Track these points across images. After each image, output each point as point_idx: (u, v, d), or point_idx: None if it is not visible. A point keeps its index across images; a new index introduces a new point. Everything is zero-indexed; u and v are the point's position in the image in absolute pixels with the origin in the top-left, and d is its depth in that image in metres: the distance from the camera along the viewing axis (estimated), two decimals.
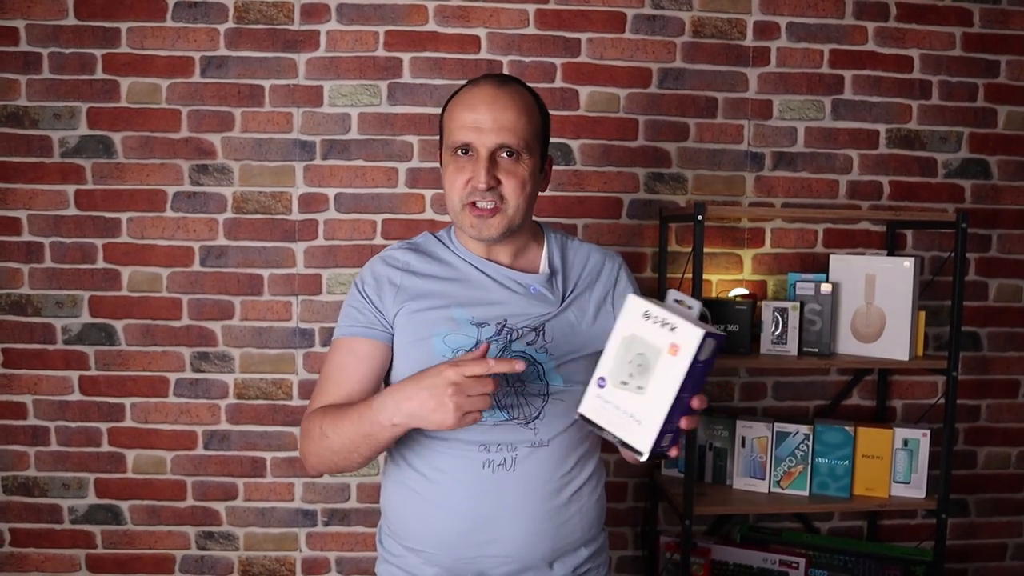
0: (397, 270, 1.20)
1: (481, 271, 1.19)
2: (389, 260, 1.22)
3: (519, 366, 0.97)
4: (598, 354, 0.98)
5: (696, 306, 0.93)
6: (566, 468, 1.16)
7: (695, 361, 0.85)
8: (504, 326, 1.15)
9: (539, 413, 1.14)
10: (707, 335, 0.85)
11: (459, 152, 1.13)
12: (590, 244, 1.29)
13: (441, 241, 1.25)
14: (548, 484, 1.13)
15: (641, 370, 0.89)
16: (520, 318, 1.15)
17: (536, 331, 1.15)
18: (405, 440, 1.19)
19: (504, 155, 1.12)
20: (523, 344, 1.15)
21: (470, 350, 1.11)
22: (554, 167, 2.04)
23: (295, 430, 2.05)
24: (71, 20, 1.94)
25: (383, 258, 1.23)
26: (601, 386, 0.93)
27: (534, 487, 1.13)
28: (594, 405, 0.94)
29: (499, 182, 1.12)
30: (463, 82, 1.23)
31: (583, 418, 0.96)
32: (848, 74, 2.09)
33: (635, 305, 0.91)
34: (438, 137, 1.22)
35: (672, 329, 0.86)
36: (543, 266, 1.22)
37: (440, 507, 1.14)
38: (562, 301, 1.18)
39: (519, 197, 1.13)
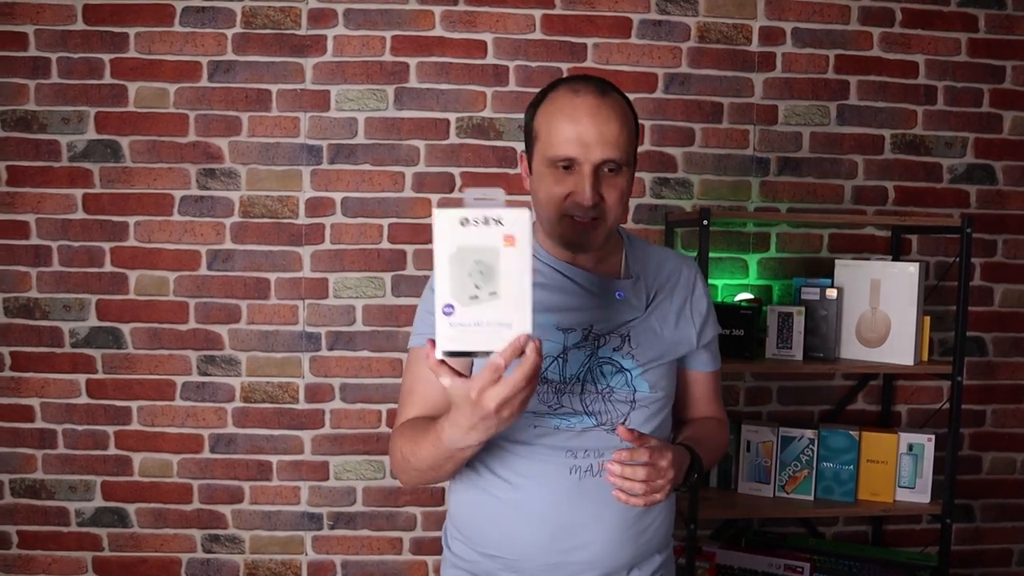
0: None
1: (566, 276, 1.18)
2: None
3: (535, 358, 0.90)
4: (678, 361, 0.94)
5: (499, 194, 0.86)
6: None
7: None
8: (590, 332, 1.14)
9: (625, 419, 1.13)
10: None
11: (560, 166, 1.10)
12: (663, 248, 1.28)
13: None
14: None
15: (485, 277, 0.84)
16: (606, 324, 1.14)
17: (622, 337, 1.15)
18: (486, 446, 1.14)
19: (607, 169, 1.09)
20: (609, 350, 1.14)
21: (556, 358, 1.11)
22: None
23: (301, 434, 2.06)
24: (79, 25, 1.95)
25: None
26: (448, 313, 0.85)
27: None
28: (452, 335, 0.86)
29: (601, 197, 1.09)
30: (543, 85, 1.17)
31: (449, 354, 0.87)
32: (853, 79, 2.09)
33: (447, 218, 0.84)
34: (523, 137, 1.17)
35: (499, 223, 0.82)
36: (624, 271, 1.21)
37: (523, 512, 1.12)
38: (646, 307, 1.18)
39: (619, 209, 1.11)
